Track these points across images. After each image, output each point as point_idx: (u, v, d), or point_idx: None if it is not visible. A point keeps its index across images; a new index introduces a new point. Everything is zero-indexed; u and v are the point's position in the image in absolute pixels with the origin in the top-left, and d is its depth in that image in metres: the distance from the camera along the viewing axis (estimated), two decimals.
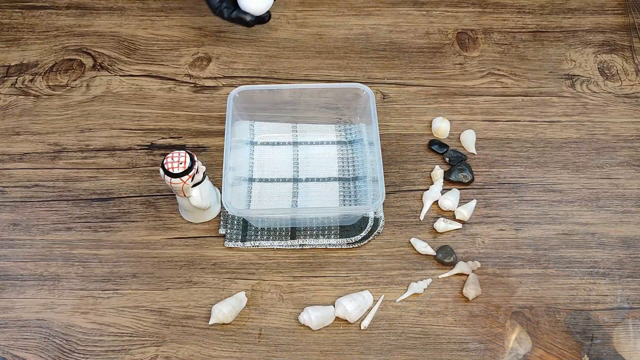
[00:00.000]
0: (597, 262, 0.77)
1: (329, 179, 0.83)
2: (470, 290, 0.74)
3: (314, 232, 0.79)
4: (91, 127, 0.88)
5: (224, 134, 0.78)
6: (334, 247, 0.78)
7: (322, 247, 0.78)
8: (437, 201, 0.81)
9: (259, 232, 0.79)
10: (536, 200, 0.82)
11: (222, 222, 0.79)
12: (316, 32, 0.98)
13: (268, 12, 0.91)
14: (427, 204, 0.81)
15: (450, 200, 0.80)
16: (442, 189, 0.82)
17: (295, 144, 0.86)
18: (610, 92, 0.92)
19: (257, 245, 0.78)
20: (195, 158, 0.72)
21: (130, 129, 0.87)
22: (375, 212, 0.80)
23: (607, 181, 0.84)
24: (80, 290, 0.75)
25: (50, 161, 0.84)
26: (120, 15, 1.00)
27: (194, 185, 0.74)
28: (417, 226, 0.80)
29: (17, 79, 0.92)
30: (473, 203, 0.81)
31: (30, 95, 0.91)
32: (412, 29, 0.99)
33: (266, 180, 0.83)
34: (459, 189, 0.82)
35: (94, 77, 0.93)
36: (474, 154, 0.86)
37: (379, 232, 0.79)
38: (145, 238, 0.78)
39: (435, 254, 0.77)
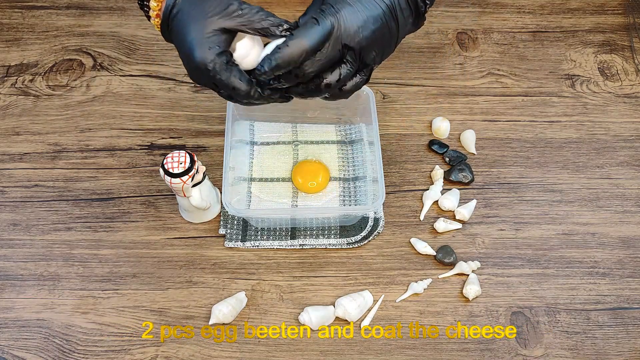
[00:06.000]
0: (597, 262, 0.77)
1: (329, 179, 0.83)
2: (470, 290, 0.74)
3: (314, 232, 0.79)
4: (91, 127, 0.88)
5: (224, 134, 0.78)
6: (334, 247, 0.78)
7: (322, 247, 0.78)
8: (437, 201, 0.81)
9: (259, 232, 0.79)
10: (536, 200, 0.82)
11: (222, 222, 0.79)
12: None
13: None
14: (427, 204, 0.81)
15: (450, 200, 0.80)
16: (442, 189, 0.82)
17: (295, 143, 0.86)
18: (610, 92, 0.92)
19: (257, 245, 0.78)
20: (195, 158, 0.72)
21: (130, 129, 0.87)
22: (375, 212, 0.80)
23: (607, 181, 0.84)
24: (80, 290, 0.75)
25: (50, 161, 0.84)
26: (120, 15, 1.00)
27: (194, 185, 0.74)
28: (417, 226, 0.80)
29: (17, 79, 0.92)
30: (473, 203, 0.81)
31: (30, 95, 0.91)
32: None
33: (266, 180, 0.83)
34: (459, 189, 0.82)
35: (94, 77, 0.93)
36: (474, 154, 0.86)
37: (379, 232, 0.79)
38: (145, 238, 0.78)
39: (435, 254, 0.77)
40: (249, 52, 0.65)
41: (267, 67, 0.61)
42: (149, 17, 0.69)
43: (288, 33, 0.63)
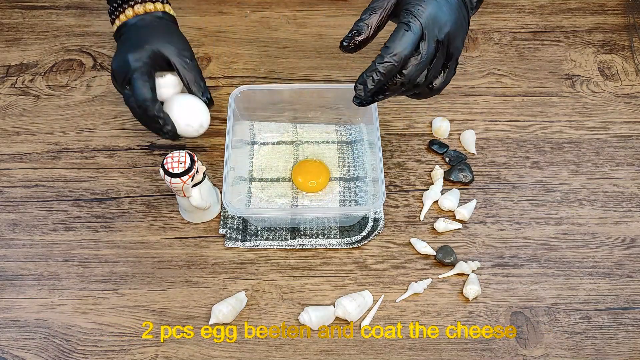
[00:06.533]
0: (597, 262, 0.77)
1: (329, 179, 0.83)
2: (470, 290, 0.74)
3: (314, 232, 0.79)
4: (91, 127, 0.88)
5: (224, 134, 0.78)
6: (334, 247, 0.78)
7: (322, 247, 0.78)
8: (437, 201, 0.81)
9: (259, 232, 0.79)
10: (536, 200, 0.82)
11: (222, 222, 0.79)
12: (316, 32, 0.98)
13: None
14: (427, 204, 0.81)
15: (450, 200, 0.80)
16: (442, 189, 0.82)
17: (295, 143, 0.86)
18: (610, 92, 0.92)
19: (257, 245, 0.78)
20: (195, 158, 0.72)
21: (130, 129, 0.87)
22: (375, 212, 0.80)
23: (607, 181, 0.84)
24: (80, 290, 0.75)
25: (50, 161, 0.84)
26: None
27: (194, 185, 0.74)
28: (417, 226, 0.80)
29: (17, 79, 0.92)
30: (473, 203, 0.81)
31: (30, 95, 0.91)
32: None
33: (266, 180, 0.83)
34: (459, 189, 0.82)
35: (94, 77, 0.93)
36: (474, 154, 0.86)
37: (379, 232, 0.79)
38: (145, 238, 0.78)
39: (435, 254, 0.77)
40: (165, 85, 0.78)
41: (371, 83, 0.64)
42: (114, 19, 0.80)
43: (205, 98, 0.78)
